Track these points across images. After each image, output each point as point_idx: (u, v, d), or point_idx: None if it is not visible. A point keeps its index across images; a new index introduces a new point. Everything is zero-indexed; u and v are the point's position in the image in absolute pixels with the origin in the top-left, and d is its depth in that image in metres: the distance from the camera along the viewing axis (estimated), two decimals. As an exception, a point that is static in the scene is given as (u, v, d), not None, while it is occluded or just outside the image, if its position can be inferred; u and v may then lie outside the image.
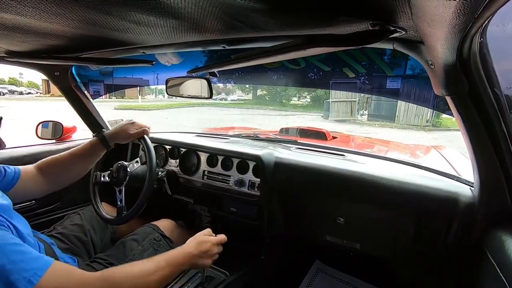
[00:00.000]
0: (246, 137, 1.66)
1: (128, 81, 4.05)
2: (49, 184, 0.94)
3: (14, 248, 0.52)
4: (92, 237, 1.09)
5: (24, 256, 0.52)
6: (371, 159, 1.32)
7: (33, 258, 0.54)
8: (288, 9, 0.52)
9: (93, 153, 1.01)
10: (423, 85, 3.08)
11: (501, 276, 0.64)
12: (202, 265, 0.84)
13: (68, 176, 0.99)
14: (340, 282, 1.45)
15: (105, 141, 1.01)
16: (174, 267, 0.76)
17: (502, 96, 0.63)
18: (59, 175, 0.96)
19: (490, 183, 0.77)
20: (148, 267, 0.70)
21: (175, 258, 0.78)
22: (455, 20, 0.37)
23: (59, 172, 0.96)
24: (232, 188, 1.30)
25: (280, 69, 3.24)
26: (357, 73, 2.00)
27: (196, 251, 0.82)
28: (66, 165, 0.97)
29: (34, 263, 0.53)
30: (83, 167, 1.01)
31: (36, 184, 0.91)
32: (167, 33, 0.72)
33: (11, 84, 23.92)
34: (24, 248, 0.54)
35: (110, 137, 1.02)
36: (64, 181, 0.98)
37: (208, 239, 0.87)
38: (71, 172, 0.99)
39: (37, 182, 0.91)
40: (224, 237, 0.92)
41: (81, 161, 1.00)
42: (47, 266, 0.54)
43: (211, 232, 0.92)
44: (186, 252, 0.81)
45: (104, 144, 1.01)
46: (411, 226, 0.99)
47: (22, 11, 0.54)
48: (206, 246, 0.84)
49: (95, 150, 1.01)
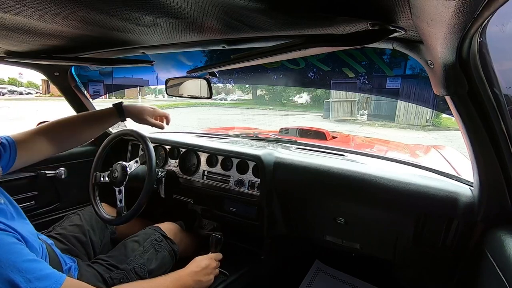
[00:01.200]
0: (246, 137, 1.66)
1: (128, 81, 4.05)
2: (51, 147, 0.92)
3: (29, 266, 0.53)
4: (91, 237, 1.09)
5: (39, 274, 0.54)
6: (371, 159, 1.32)
7: (47, 275, 0.55)
8: (287, 9, 0.52)
9: (105, 120, 1.01)
10: (423, 85, 3.08)
11: (501, 276, 0.64)
12: (206, 281, 0.94)
13: (73, 139, 0.98)
14: (340, 282, 1.45)
15: (121, 111, 1.01)
16: (180, 286, 0.85)
17: (501, 96, 0.62)
18: (65, 138, 0.95)
19: (490, 183, 0.77)
20: (157, 286, 0.78)
21: (181, 278, 0.87)
22: (454, 20, 0.37)
23: (65, 135, 0.95)
24: (232, 188, 1.30)
25: (280, 69, 3.24)
26: (356, 73, 2.00)
27: (198, 268, 0.93)
28: (73, 127, 0.97)
29: (47, 281, 0.54)
30: (90, 132, 1.01)
31: (37, 149, 0.88)
32: (166, 33, 0.72)
33: (10, 84, 23.89)
34: (38, 265, 0.56)
35: (128, 111, 1.02)
36: (68, 144, 0.98)
37: (205, 256, 1.00)
38: (77, 135, 0.98)
39: (38, 147, 0.88)
40: (219, 255, 1.06)
41: (91, 126, 1.00)
42: (59, 284, 0.55)
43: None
44: (190, 271, 0.91)
45: (120, 114, 1.01)
46: (410, 226, 0.99)
47: (21, 11, 0.53)
48: (205, 262, 0.97)
49: (108, 118, 1.01)
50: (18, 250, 0.55)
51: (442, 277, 1.02)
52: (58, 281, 0.55)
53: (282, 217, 1.27)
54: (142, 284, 0.84)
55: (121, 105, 1.02)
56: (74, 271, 0.88)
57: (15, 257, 0.53)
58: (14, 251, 0.54)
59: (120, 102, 1.03)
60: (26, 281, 0.50)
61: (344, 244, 1.19)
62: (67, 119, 0.97)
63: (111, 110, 1.01)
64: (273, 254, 1.39)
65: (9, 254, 0.52)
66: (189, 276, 0.89)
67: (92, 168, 1.13)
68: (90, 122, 1.00)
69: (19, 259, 0.53)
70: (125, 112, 1.02)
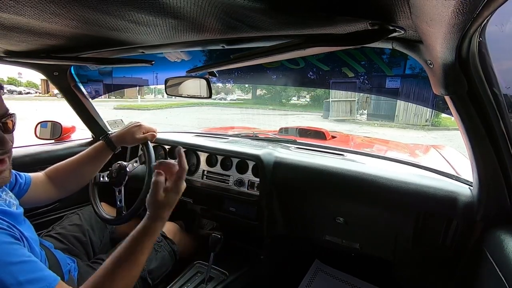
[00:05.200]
0: (246, 137, 1.66)
1: (127, 81, 4.05)
2: (58, 191, 0.95)
3: (21, 268, 0.53)
4: (91, 237, 1.09)
5: (31, 276, 0.53)
6: (370, 158, 1.32)
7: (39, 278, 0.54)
8: (287, 8, 0.52)
9: (99, 157, 1.01)
10: (422, 85, 3.09)
11: (501, 276, 0.64)
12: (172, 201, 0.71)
13: (76, 182, 0.99)
14: (340, 281, 1.45)
15: (111, 144, 1.01)
16: (150, 234, 0.68)
17: (501, 95, 0.63)
18: (67, 181, 0.97)
19: (489, 183, 0.77)
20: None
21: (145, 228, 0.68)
22: (454, 20, 0.37)
23: (67, 179, 0.97)
24: (232, 188, 1.30)
25: (280, 68, 3.24)
26: (356, 72, 2.01)
27: (152, 207, 0.70)
28: (74, 171, 0.98)
29: (39, 284, 0.53)
30: (90, 171, 1.02)
31: (46, 191, 0.92)
32: (166, 32, 0.72)
33: (10, 84, 23.87)
34: (31, 267, 0.55)
35: (117, 140, 1.02)
36: (73, 187, 0.99)
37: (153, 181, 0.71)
38: (79, 177, 0.99)
39: (46, 189, 0.92)
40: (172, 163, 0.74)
41: (88, 166, 1.00)
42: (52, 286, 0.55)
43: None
44: (147, 216, 0.70)
45: (111, 147, 1.01)
46: (410, 225, 0.99)
47: (20, 10, 0.53)
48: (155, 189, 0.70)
49: (102, 154, 1.01)
50: (12, 251, 0.54)
51: (441, 276, 1.02)
52: (50, 285, 0.54)
53: (281, 216, 1.27)
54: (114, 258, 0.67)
55: (109, 138, 1.01)
56: (74, 271, 0.88)
57: (9, 257, 0.52)
58: (7, 251, 0.53)
59: (107, 134, 1.03)
60: (17, 283, 0.50)
61: (344, 244, 1.20)
62: (66, 164, 0.97)
63: (103, 147, 1.01)
64: (273, 254, 1.39)
65: (2, 255, 0.51)
66: (150, 220, 0.69)
67: None
68: (88, 163, 1.00)
69: (12, 260, 0.52)
70: (115, 143, 1.01)
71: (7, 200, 0.71)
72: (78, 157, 0.99)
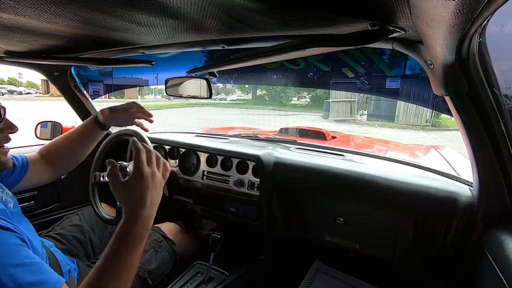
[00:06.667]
0: (246, 137, 1.66)
1: (127, 81, 4.05)
2: (52, 170, 0.94)
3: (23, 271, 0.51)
4: (91, 237, 1.09)
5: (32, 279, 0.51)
6: (370, 159, 1.32)
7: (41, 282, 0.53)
8: (287, 9, 0.52)
9: (88, 134, 0.99)
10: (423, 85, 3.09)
11: (501, 276, 0.64)
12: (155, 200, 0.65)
13: (68, 159, 0.98)
14: (340, 282, 1.45)
15: (100, 123, 0.99)
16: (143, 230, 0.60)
17: (501, 96, 0.63)
18: (60, 159, 0.96)
19: (489, 183, 0.77)
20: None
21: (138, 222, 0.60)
22: (454, 20, 0.37)
23: (60, 156, 0.96)
24: (232, 188, 1.30)
25: (280, 69, 3.24)
26: (356, 73, 2.00)
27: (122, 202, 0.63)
28: (64, 147, 0.96)
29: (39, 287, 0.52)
30: (82, 150, 1.00)
31: (42, 171, 0.91)
32: (166, 33, 0.72)
33: (10, 84, 23.86)
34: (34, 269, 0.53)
35: (110, 117, 0.99)
36: (66, 166, 0.98)
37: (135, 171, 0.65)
38: (70, 155, 0.98)
39: (42, 169, 0.91)
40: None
41: (78, 143, 0.98)
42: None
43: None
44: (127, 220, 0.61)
45: (99, 124, 0.99)
46: (410, 226, 0.99)
47: (21, 11, 0.53)
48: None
49: (91, 131, 0.99)
50: (15, 252, 0.53)
51: (441, 276, 1.02)
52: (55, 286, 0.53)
53: (281, 217, 1.27)
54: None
55: (96, 116, 0.98)
56: (74, 271, 0.88)
57: (10, 259, 0.51)
58: (10, 252, 0.52)
59: (97, 112, 1.00)
60: (17, 286, 0.49)
61: (344, 244, 1.19)
62: (56, 142, 0.96)
63: (91, 124, 0.98)
64: (273, 254, 1.39)
65: (4, 256, 0.51)
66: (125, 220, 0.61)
67: (92, 168, 1.13)
68: (78, 142, 0.98)
69: (14, 262, 0.51)
70: (106, 119, 0.98)
71: (3, 198, 0.70)
72: (68, 133, 0.98)
